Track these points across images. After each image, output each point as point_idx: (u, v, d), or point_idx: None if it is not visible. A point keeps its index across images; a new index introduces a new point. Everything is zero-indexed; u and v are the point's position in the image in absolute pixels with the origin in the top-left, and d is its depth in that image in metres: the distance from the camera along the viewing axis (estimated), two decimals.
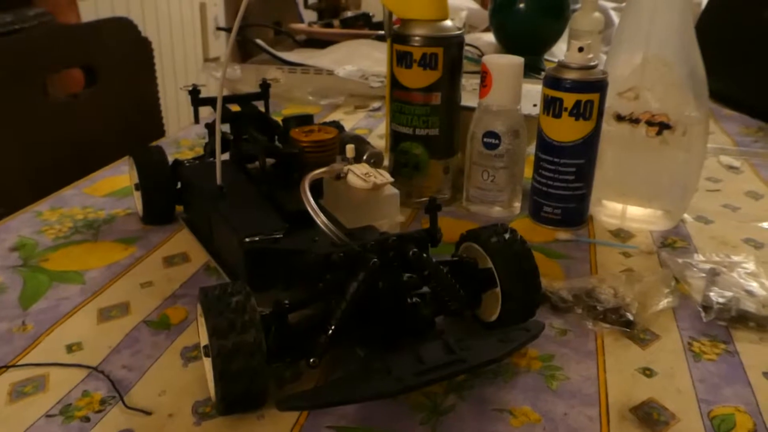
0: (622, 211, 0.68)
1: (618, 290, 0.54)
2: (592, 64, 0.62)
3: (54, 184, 0.77)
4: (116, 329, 0.51)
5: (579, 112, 0.62)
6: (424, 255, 0.45)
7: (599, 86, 0.62)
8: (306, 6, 3.08)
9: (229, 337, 0.39)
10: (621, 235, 0.67)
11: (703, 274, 0.57)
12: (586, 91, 0.61)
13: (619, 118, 0.65)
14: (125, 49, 1.07)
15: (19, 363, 0.47)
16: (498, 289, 0.48)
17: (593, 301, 0.53)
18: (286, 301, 0.43)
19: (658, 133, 0.64)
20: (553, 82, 0.63)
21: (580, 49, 0.61)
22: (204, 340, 0.42)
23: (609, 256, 0.62)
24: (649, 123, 0.64)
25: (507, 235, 0.49)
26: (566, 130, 0.63)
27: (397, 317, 0.45)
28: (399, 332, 0.44)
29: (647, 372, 0.47)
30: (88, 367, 0.47)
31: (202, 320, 0.42)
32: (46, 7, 1.79)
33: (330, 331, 0.42)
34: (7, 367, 0.47)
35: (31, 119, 0.92)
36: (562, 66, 0.62)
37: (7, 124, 0.88)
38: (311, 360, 0.41)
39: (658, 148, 0.65)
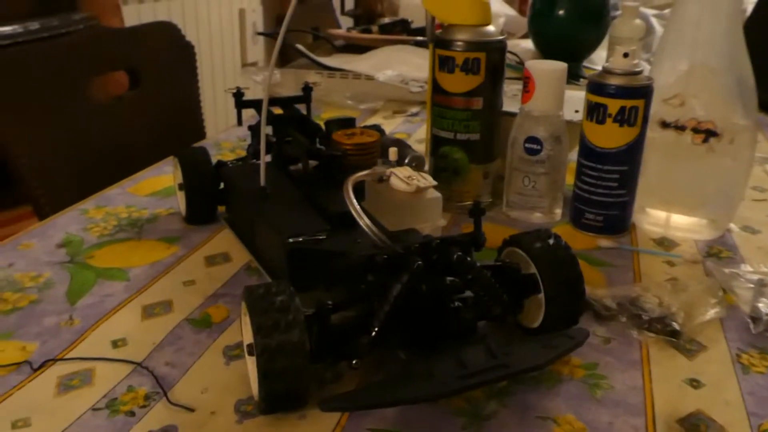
0: (666, 219, 0.67)
1: (663, 299, 0.53)
2: (637, 69, 0.61)
3: (99, 183, 0.78)
4: (159, 326, 0.52)
5: (623, 118, 0.61)
6: (468, 259, 0.45)
7: (644, 92, 0.61)
8: (343, 12, 3.11)
9: (273, 335, 0.39)
10: (665, 243, 0.66)
11: (751, 285, 0.56)
12: (631, 97, 0.61)
13: (665, 125, 0.64)
14: (168, 53, 1.09)
15: (67, 357, 0.48)
16: (541, 295, 0.48)
17: (638, 309, 0.52)
18: (329, 302, 0.43)
19: (705, 140, 0.63)
20: (597, 87, 0.62)
21: (625, 55, 0.61)
22: (248, 338, 0.42)
23: (653, 265, 0.61)
24: (695, 130, 0.63)
25: (551, 241, 0.48)
26: (610, 136, 0.62)
27: (439, 320, 0.45)
28: (441, 335, 0.44)
29: (694, 383, 0.46)
30: (132, 362, 0.47)
31: (246, 319, 0.42)
32: (91, 12, 1.84)
33: (373, 333, 0.42)
34: (55, 360, 0.48)
35: (77, 121, 0.94)
36: (606, 72, 0.62)
37: (54, 126, 0.90)
38: (353, 362, 0.42)
39: (704, 156, 0.64)
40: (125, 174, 0.82)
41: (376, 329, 0.42)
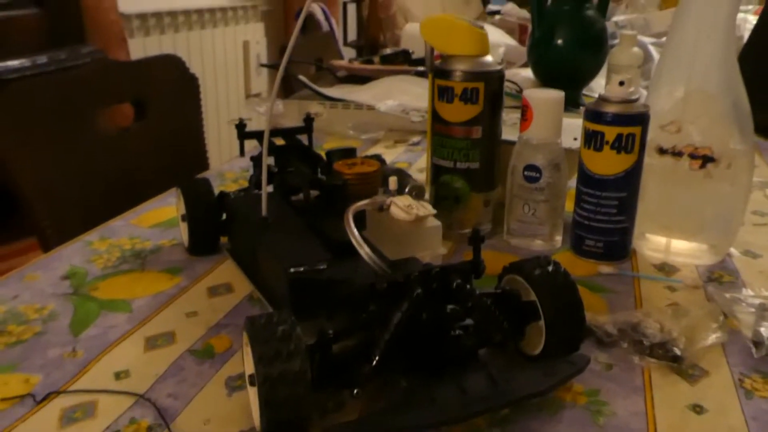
0: (666, 244, 0.67)
1: (664, 325, 0.53)
2: (634, 97, 0.62)
3: (105, 214, 0.79)
4: (162, 357, 0.52)
5: (621, 145, 0.61)
6: (468, 286, 0.45)
7: (641, 119, 0.62)
8: (345, 43, 3.15)
9: (274, 365, 0.39)
10: (665, 269, 0.66)
11: (753, 309, 0.56)
12: (628, 124, 0.61)
13: (662, 151, 0.65)
14: (173, 85, 1.11)
15: (70, 389, 0.48)
16: (542, 322, 0.48)
17: (639, 335, 0.52)
18: (331, 331, 0.43)
19: (702, 166, 0.64)
20: (594, 115, 0.63)
21: (621, 83, 0.61)
22: (249, 368, 0.43)
23: (654, 291, 0.62)
24: (693, 156, 0.64)
25: (550, 268, 0.49)
26: (608, 163, 0.63)
27: (440, 348, 0.45)
28: (442, 363, 0.44)
29: (697, 409, 0.46)
30: (135, 394, 0.47)
31: (247, 349, 0.43)
32: (98, 45, 1.88)
33: (374, 362, 0.42)
34: (58, 392, 0.48)
35: (84, 152, 0.96)
36: (603, 99, 0.63)
37: (61, 157, 0.92)
38: (355, 391, 0.42)
39: (702, 182, 0.64)
40: (131, 204, 0.82)
41: (377, 358, 0.42)
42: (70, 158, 0.92)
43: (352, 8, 3.29)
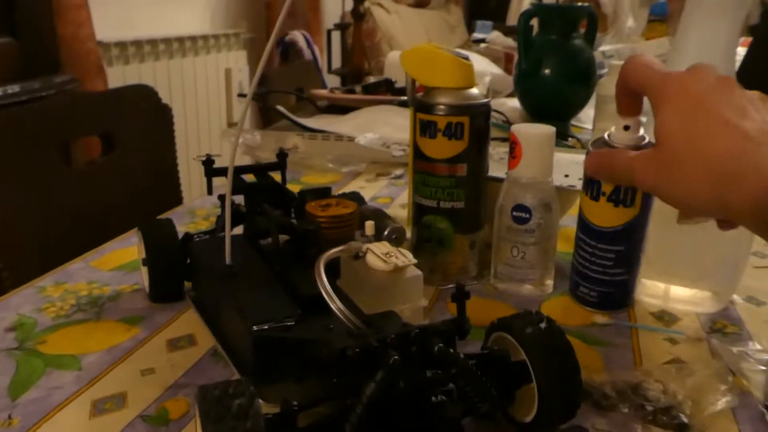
0: (664, 291, 0.63)
1: (668, 386, 0.48)
2: (643, 143, 0.55)
3: (68, 255, 0.73)
4: (109, 426, 0.46)
5: (619, 198, 0.56)
6: (451, 350, 0.40)
7: None
8: (329, 71, 3.13)
9: None
10: (665, 318, 0.61)
11: (762, 367, 0.51)
12: None
13: None
14: (145, 116, 1.06)
15: None
16: (534, 385, 0.43)
17: (640, 398, 0.47)
18: (295, 403, 0.38)
19: None
20: None
21: (626, 128, 0.54)
22: None
23: (653, 343, 0.57)
24: None
25: (543, 325, 0.44)
26: (606, 215, 0.57)
27: (420, 420, 0.40)
28: None
29: None
30: None
31: (200, 427, 0.37)
32: (75, 74, 1.82)
33: None
34: None
35: (47, 187, 0.90)
36: (605, 143, 0.56)
37: (20, 194, 0.86)
38: None
39: (703, 223, 0.60)
40: (96, 243, 0.77)
41: None
42: (30, 195, 0.87)
43: (336, 36, 3.27)
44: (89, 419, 0.47)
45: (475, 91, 0.64)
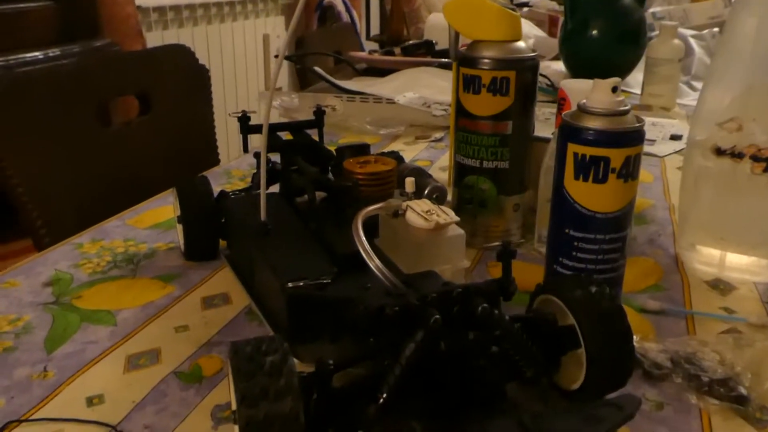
0: (720, 258, 0.59)
1: (725, 356, 0.45)
2: (623, 108, 0.47)
3: (105, 214, 0.73)
4: (143, 380, 0.45)
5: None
6: (495, 312, 0.38)
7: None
8: (368, 38, 3.08)
9: (260, 405, 0.33)
10: (720, 287, 0.58)
11: None
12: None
13: (719, 152, 0.57)
14: (181, 76, 1.04)
15: (33, 417, 0.42)
16: (581, 351, 0.40)
17: (695, 368, 0.44)
18: (331, 362, 0.36)
19: (766, 169, 0.56)
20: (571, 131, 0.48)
21: (615, 89, 0.47)
22: (234, 404, 0.36)
23: (708, 311, 0.54)
24: (755, 158, 0.56)
25: (593, 288, 0.41)
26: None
27: (461, 385, 0.38)
28: (463, 403, 0.37)
29: None
30: (106, 425, 0.41)
31: (232, 383, 0.36)
32: (113, 39, 1.83)
33: (381, 400, 0.35)
34: (19, 421, 0.42)
35: (83, 147, 0.90)
36: (584, 111, 0.48)
37: (58, 153, 0.86)
38: None
39: (765, 188, 0.56)
40: (131, 204, 0.76)
41: (386, 395, 0.35)
42: (68, 155, 0.86)
43: (375, 2, 3.22)
44: (123, 374, 0.46)
45: (522, 44, 0.60)
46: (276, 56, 2.10)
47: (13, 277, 0.60)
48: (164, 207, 0.75)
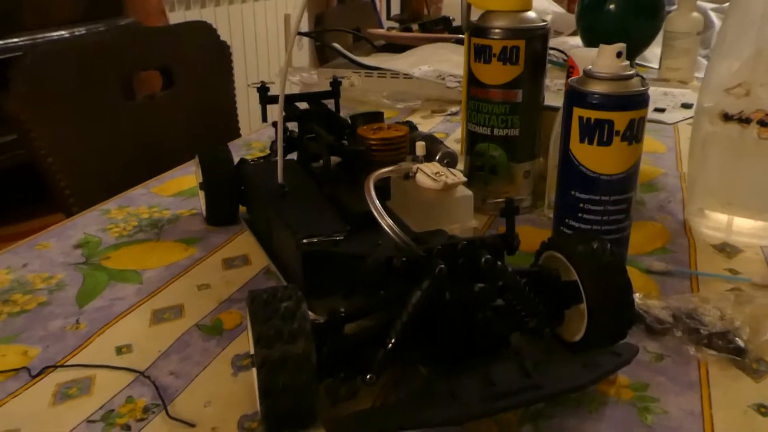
0: (727, 222, 0.61)
1: (725, 312, 0.47)
2: (629, 72, 0.48)
3: (130, 184, 0.76)
4: (168, 332, 0.48)
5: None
6: (499, 263, 0.40)
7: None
8: (388, 18, 3.08)
9: (275, 346, 0.35)
10: (726, 250, 0.59)
11: None
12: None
13: (727, 117, 0.58)
14: (203, 52, 1.07)
15: (68, 363, 0.45)
16: (583, 305, 0.42)
17: (695, 323, 0.46)
18: (342, 310, 0.39)
19: None
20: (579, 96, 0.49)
21: (619, 54, 0.48)
22: (252, 348, 0.38)
23: (713, 272, 0.55)
24: (762, 123, 0.57)
25: (595, 245, 0.43)
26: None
27: (466, 333, 0.40)
28: (468, 350, 0.39)
29: (762, 409, 0.40)
30: (135, 371, 0.44)
31: (249, 327, 0.38)
32: (137, 18, 1.86)
33: (389, 345, 0.37)
34: (55, 366, 0.45)
35: (108, 120, 0.93)
36: (590, 76, 0.49)
37: (85, 126, 0.89)
38: (368, 376, 0.37)
39: None
40: (155, 174, 0.79)
41: (394, 341, 0.38)
42: (94, 127, 0.90)
43: None
44: (149, 326, 0.49)
45: (531, 14, 0.61)
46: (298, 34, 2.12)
47: (45, 240, 0.63)
48: (187, 176, 0.78)
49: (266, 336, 0.35)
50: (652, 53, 1.28)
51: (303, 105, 0.67)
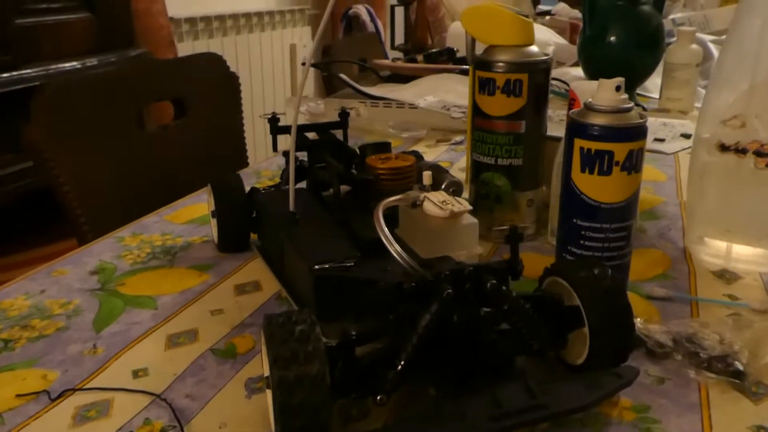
0: (726, 250, 0.62)
1: (724, 336, 0.48)
2: (627, 106, 0.50)
3: (143, 212, 0.78)
4: (183, 356, 0.50)
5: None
6: (504, 288, 0.42)
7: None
8: (393, 47, 3.13)
9: (291, 367, 0.36)
10: (725, 276, 0.60)
11: None
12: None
13: (724, 148, 0.60)
14: (214, 83, 1.10)
15: (86, 386, 0.46)
16: (586, 329, 0.44)
17: (695, 347, 0.47)
18: (354, 333, 0.40)
19: None
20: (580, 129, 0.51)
21: (618, 88, 0.50)
22: (267, 370, 0.40)
23: (711, 298, 0.56)
24: (758, 153, 0.59)
25: (596, 270, 0.44)
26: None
27: (472, 354, 0.41)
28: (475, 371, 0.41)
29: (761, 431, 0.41)
30: (152, 394, 0.45)
31: (265, 349, 0.40)
32: (147, 48, 1.90)
33: (399, 367, 0.39)
34: (74, 390, 0.46)
35: (124, 150, 0.95)
36: (590, 108, 0.51)
37: (100, 155, 0.91)
38: (378, 397, 0.38)
39: None
40: (168, 202, 0.81)
41: (403, 363, 0.39)
42: (110, 156, 0.92)
43: (399, 11, 3.27)
44: (165, 350, 0.51)
45: (534, 48, 0.64)
46: (303, 64, 2.16)
47: (62, 266, 0.65)
48: (198, 204, 0.80)
49: (282, 357, 0.37)
50: (653, 83, 1.31)
51: (311, 134, 0.69)
